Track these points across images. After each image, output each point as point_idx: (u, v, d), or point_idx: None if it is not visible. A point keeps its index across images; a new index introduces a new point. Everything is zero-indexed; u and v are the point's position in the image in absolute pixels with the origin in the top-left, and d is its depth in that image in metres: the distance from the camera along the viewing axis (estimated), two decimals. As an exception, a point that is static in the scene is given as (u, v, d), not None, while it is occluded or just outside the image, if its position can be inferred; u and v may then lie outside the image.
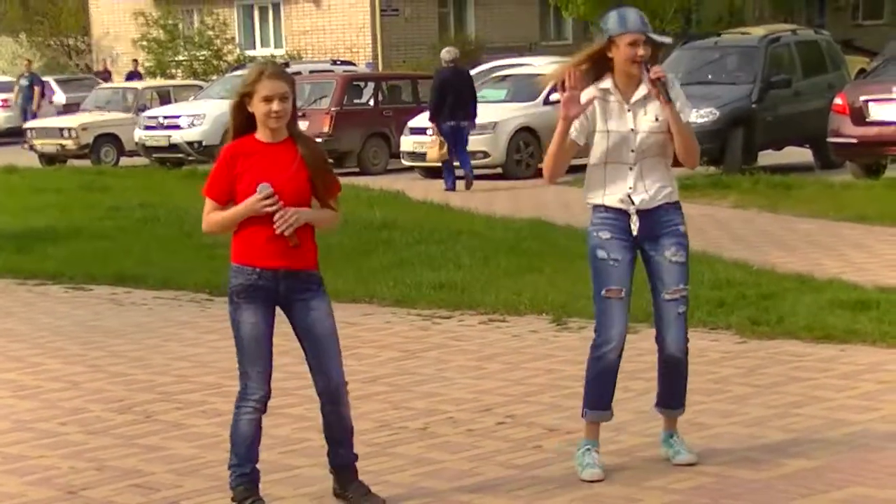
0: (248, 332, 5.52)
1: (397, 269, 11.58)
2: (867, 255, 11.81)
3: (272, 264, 5.49)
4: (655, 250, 6.06)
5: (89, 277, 12.14)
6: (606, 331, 6.03)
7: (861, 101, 17.50)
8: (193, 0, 42.48)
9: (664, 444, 6.27)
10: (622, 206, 5.99)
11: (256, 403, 5.57)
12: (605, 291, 5.99)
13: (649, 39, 5.95)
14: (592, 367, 6.09)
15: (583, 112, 5.92)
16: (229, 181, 5.48)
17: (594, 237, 6.01)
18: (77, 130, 25.97)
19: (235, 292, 5.53)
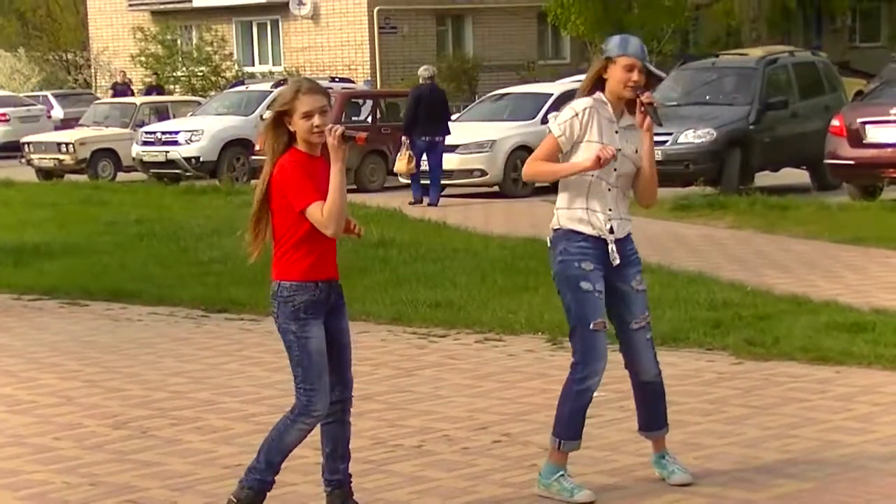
0: (316, 347, 5.56)
1: (393, 287, 11.57)
2: (863, 277, 11.83)
3: (327, 276, 5.58)
4: (622, 280, 6.06)
5: (85, 293, 12.13)
6: (594, 364, 6.01)
7: (858, 123, 17.54)
8: (192, 16, 42.58)
9: (656, 466, 6.26)
10: (601, 235, 5.99)
11: (316, 420, 5.61)
12: (593, 325, 5.97)
13: (646, 69, 5.99)
14: (576, 401, 6.04)
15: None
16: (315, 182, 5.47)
17: (576, 268, 5.96)
18: (75, 145, 25.97)
19: (302, 309, 5.54)
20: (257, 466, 5.69)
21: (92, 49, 45.15)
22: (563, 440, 6.06)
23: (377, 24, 39.95)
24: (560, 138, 5.98)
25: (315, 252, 5.56)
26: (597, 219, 5.99)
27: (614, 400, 7.72)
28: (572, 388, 6.04)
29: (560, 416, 6.08)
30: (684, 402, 7.66)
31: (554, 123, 6.03)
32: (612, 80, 5.99)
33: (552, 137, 5.99)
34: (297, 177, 5.47)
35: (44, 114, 35.60)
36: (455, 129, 22.17)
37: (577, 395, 6.04)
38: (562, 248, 6.00)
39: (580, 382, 6.02)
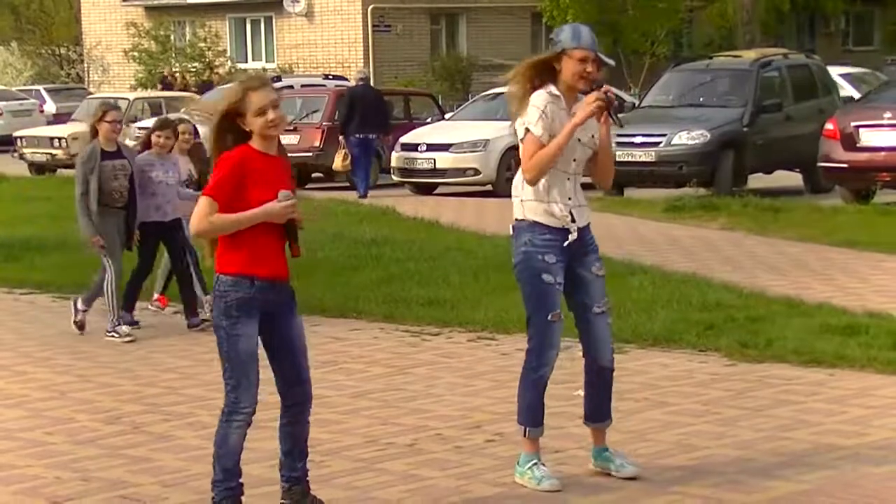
0: (245, 347, 5.49)
1: (386, 285, 11.56)
2: (856, 279, 11.83)
3: (267, 274, 5.48)
4: (582, 266, 6.15)
5: (78, 287, 12.03)
6: (547, 352, 6.13)
7: (852, 126, 17.55)
8: (186, 12, 42.53)
9: (600, 460, 6.30)
10: (564, 225, 6.05)
11: (248, 416, 5.57)
12: (551, 316, 6.06)
13: (598, 58, 6.03)
14: (532, 389, 6.17)
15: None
16: (236, 186, 5.43)
17: (539, 260, 6.05)
18: (67, 140, 25.91)
19: (234, 306, 5.47)
20: (217, 479, 5.64)
21: (85, 44, 45.09)
22: (527, 427, 6.20)
23: (371, 22, 39.94)
24: (543, 136, 6.02)
25: (252, 247, 5.46)
26: (558, 209, 6.07)
27: (607, 400, 7.71)
28: (529, 377, 6.18)
29: (521, 404, 6.22)
30: (677, 403, 7.66)
31: (531, 125, 6.02)
32: (567, 71, 6.04)
33: (535, 139, 6.02)
34: (225, 171, 5.43)
35: (36, 108, 35.55)
36: (449, 127, 22.21)
37: (532, 384, 6.17)
38: (526, 239, 6.09)
39: (534, 371, 6.15)
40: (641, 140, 18.98)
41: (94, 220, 9.88)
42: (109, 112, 10.13)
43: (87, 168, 9.93)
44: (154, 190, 10.30)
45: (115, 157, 10.04)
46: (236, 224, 5.44)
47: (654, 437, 6.94)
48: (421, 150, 21.30)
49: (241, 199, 5.43)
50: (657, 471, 6.36)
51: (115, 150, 10.09)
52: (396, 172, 21.72)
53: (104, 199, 9.92)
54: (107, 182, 9.92)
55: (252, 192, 5.44)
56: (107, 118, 10.03)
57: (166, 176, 10.39)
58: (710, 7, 40.81)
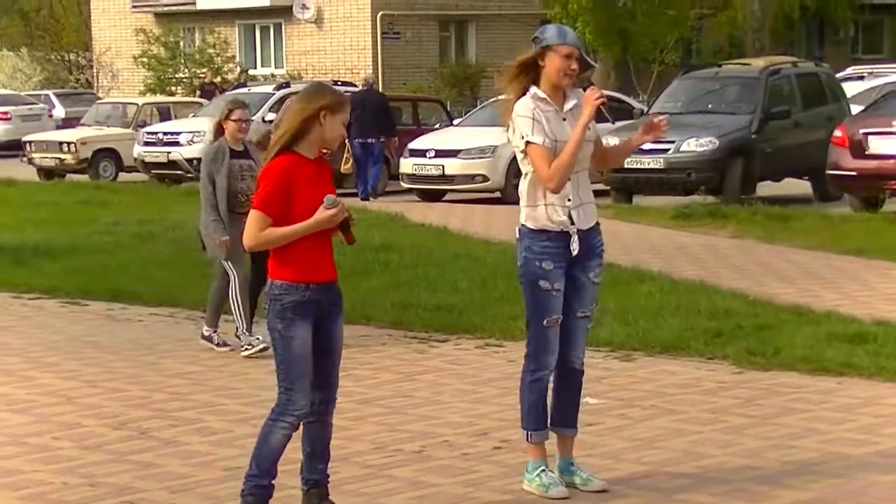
0: (300, 349, 5.57)
1: (394, 291, 11.56)
2: (865, 288, 11.81)
3: (321, 278, 5.59)
4: (582, 271, 6.18)
5: (85, 293, 12.11)
6: (545, 357, 6.16)
7: (861, 134, 17.52)
8: (195, 18, 42.59)
9: (565, 473, 6.27)
10: (563, 229, 6.06)
11: (297, 419, 5.62)
12: (547, 322, 6.09)
13: (582, 58, 6.06)
14: (531, 393, 6.20)
15: None
16: (286, 199, 5.52)
17: (536, 266, 6.08)
18: (76, 145, 25.96)
19: (289, 309, 5.55)
20: (252, 473, 5.68)
21: (94, 50, 45.16)
22: (530, 431, 6.22)
23: (380, 29, 39.97)
24: (545, 142, 6.02)
25: (308, 253, 5.56)
26: (556, 213, 6.07)
27: (615, 408, 7.71)
28: (526, 381, 6.21)
29: (522, 409, 6.25)
30: (685, 410, 7.65)
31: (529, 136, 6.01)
32: (551, 67, 6.05)
33: (539, 147, 6.02)
34: (274, 183, 5.53)
35: (45, 113, 35.62)
36: (457, 134, 22.21)
37: (531, 387, 6.19)
38: (526, 244, 6.14)
39: (533, 374, 6.19)
40: (650, 147, 18.91)
41: (222, 219, 9.35)
42: (236, 110, 9.53)
43: (214, 167, 9.42)
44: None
45: (242, 156, 9.52)
46: (288, 237, 5.54)
47: (662, 445, 6.93)
48: (429, 156, 21.32)
49: (289, 207, 5.51)
50: (665, 478, 6.35)
51: (242, 149, 9.56)
52: (405, 178, 21.72)
53: (228, 203, 9.39)
54: (233, 183, 9.40)
55: (298, 199, 5.53)
56: (233, 116, 9.48)
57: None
58: (719, 15, 40.76)
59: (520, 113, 6.06)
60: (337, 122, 5.60)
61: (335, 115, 5.58)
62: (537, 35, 6.14)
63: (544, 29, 6.17)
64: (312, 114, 5.56)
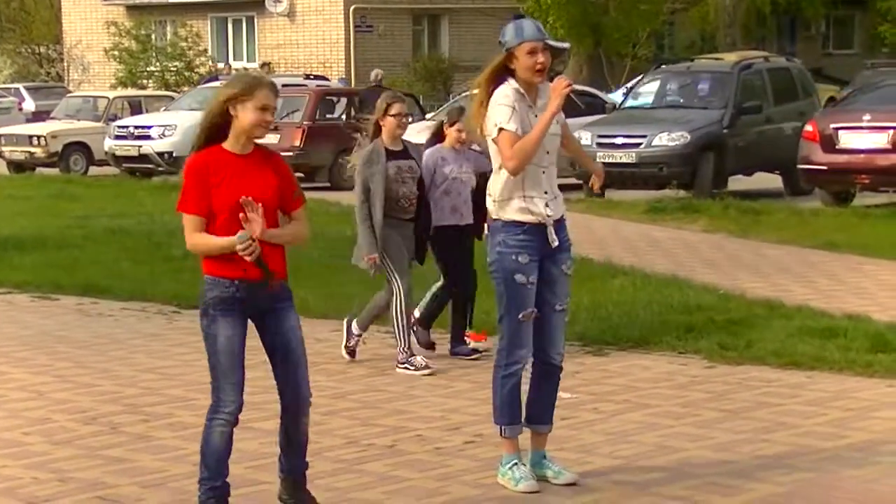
0: (224, 345, 5.47)
1: (367, 287, 11.50)
2: (835, 282, 11.86)
3: (250, 276, 5.43)
4: (554, 264, 6.16)
5: (56, 287, 12.05)
6: (518, 350, 6.13)
7: (831, 128, 17.60)
8: (167, 11, 42.43)
9: (537, 467, 6.26)
10: (541, 221, 6.04)
11: (229, 416, 5.53)
12: (522, 315, 6.06)
13: (548, 46, 6.02)
14: (504, 386, 6.16)
15: None
16: (206, 194, 5.38)
17: (511, 260, 6.04)
18: (46, 138, 25.82)
19: (212, 305, 5.45)
20: (203, 476, 5.61)
21: (65, 43, 44.94)
22: (504, 426, 6.19)
23: (353, 22, 39.90)
24: (517, 131, 5.99)
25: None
26: (535, 205, 6.06)
27: (588, 402, 7.73)
28: (499, 375, 6.17)
29: (495, 404, 6.21)
30: (657, 404, 7.67)
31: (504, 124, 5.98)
32: (520, 68, 6.03)
33: (512, 134, 5.98)
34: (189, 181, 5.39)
35: (15, 106, 35.42)
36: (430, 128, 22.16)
37: (503, 381, 6.16)
38: (500, 239, 6.07)
39: (506, 368, 6.15)
40: (622, 141, 19.01)
41: (377, 232, 8.57)
42: (395, 104, 8.62)
43: (370, 172, 8.53)
44: (448, 188, 8.92)
45: (402, 157, 8.63)
46: (213, 250, 5.39)
47: (635, 439, 6.94)
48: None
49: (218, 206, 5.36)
50: (638, 472, 6.37)
51: (402, 149, 8.68)
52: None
53: (388, 208, 8.55)
54: (392, 187, 8.55)
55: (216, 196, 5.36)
56: (392, 111, 8.59)
57: (461, 171, 8.96)
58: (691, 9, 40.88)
59: (499, 101, 6.02)
60: (248, 109, 5.35)
61: (245, 102, 5.36)
62: (499, 40, 6.09)
63: (503, 32, 6.09)
64: (219, 108, 5.40)
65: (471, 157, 9.04)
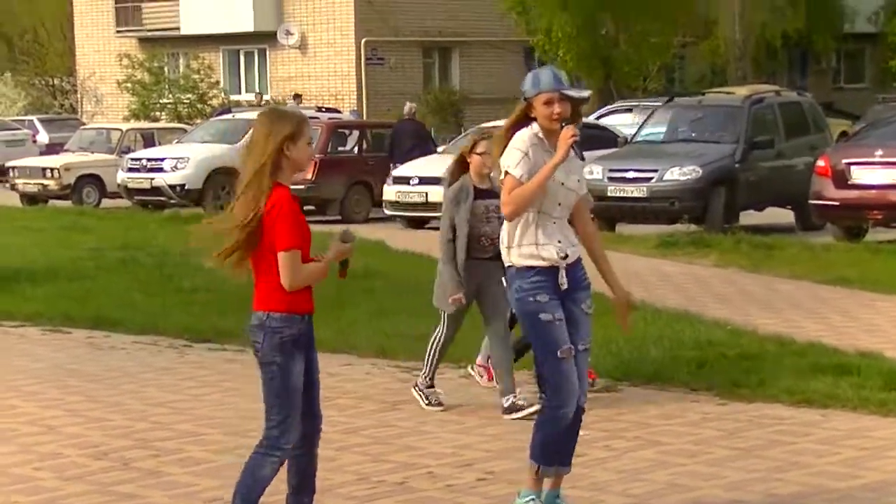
0: (296, 383, 5.51)
1: (378, 320, 11.53)
2: (847, 318, 11.82)
3: (311, 309, 5.56)
4: (574, 302, 6.15)
5: (68, 320, 12.05)
6: (567, 393, 6.05)
7: (843, 163, 17.58)
8: (179, 44, 42.60)
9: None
10: (554, 264, 6.04)
11: (286, 453, 5.55)
12: (560, 352, 6.02)
13: (566, 97, 6.04)
14: (551, 428, 6.09)
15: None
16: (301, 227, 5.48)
17: (531, 302, 6.03)
18: (60, 171, 25.91)
19: (291, 342, 5.48)
20: None
21: (79, 74, 45.14)
22: (541, 465, 6.12)
23: (364, 55, 40.03)
24: (522, 177, 6.02)
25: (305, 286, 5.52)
26: (547, 251, 6.06)
27: (600, 439, 7.69)
28: (546, 416, 6.11)
29: (536, 442, 6.13)
30: (669, 442, 7.63)
31: (511, 168, 6.02)
32: (539, 117, 6.08)
33: (514, 179, 6.01)
34: (294, 217, 5.44)
35: (29, 138, 35.55)
36: (441, 161, 22.18)
37: (551, 423, 6.09)
38: (517, 286, 6.09)
39: (554, 411, 6.08)
40: (633, 175, 19.02)
41: (460, 271, 8.38)
42: (482, 142, 8.40)
43: (456, 210, 8.37)
44: None
45: (489, 195, 8.36)
46: (319, 274, 5.51)
47: (647, 477, 6.91)
48: (413, 183, 21.32)
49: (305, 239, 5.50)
50: (649, 511, 6.33)
51: (488, 187, 8.42)
52: (388, 206, 21.72)
53: (468, 247, 8.40)
54: (477, 226, 8.36)
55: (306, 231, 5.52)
56: (479, 149, 8.38)
57: None
58: (702, 43, 40.95)
59: (515, 144, 6.06)
60: (301, 146, 5.46)
61: (297, 140, 5.45)
62: (521, 88, 6.13)
63: (524, 81, 6.15)
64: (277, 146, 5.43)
65: None
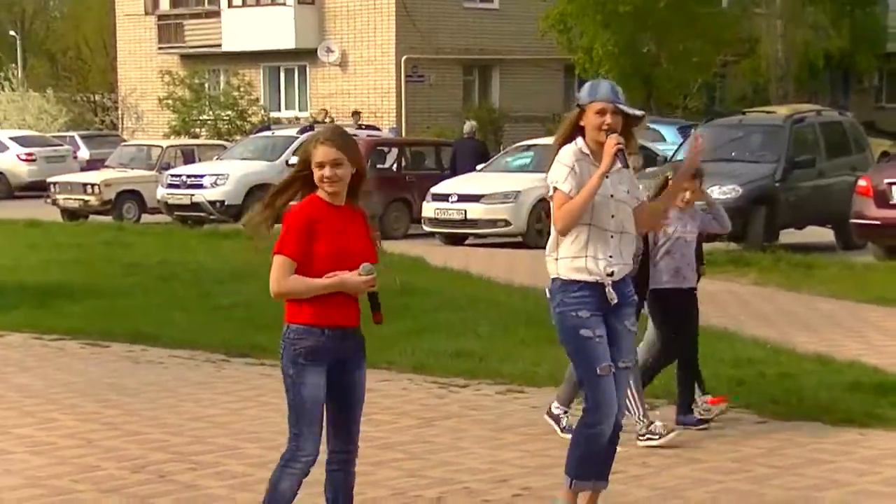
0: (312, 394, 5.49)
1: (415, 336, 11.53)
2: (888, 337, 11.73)
3: (340, 323, 5.50)
4: (618, 319, 6.09)
5: (106, 334, 12.11)
6: (606, 409, 6.03)
7: (885, 183, 17.49)
8: (220, 60, 42.86)
9: None
10: (599, 280, 6.00)
11: (305, 466, 5.54)
12: (600, 370, 5.99)
13: (620, 111, 6.01)
14: (588, 444, 6.06)
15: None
16: (308, 241, 5.45)
17: (572, 317, 5.99)
18: (100, 186, 26.07)
19: (303, 354, 5.48)
20: None
21: (120, 91, 45.48)
22: (574, 480, 6.09)
23: (404, 72, 40.13)
24: (571, 192, 5.99)
25: (330, 296, 5.46)
26: (596, 266, 6.01)
27: (637, 456, 7.66)
28: (583, 433, 6.08)
29: (571, 456, 6.11)
30: (707, 459, 7.59)
31: (558, 184, 6.00)
32: (588, 126, 6.05)
33: (563, 194, 6.00)
34: (295, 226, 5.46)
35: (70, 154, 35.83)
36: (480, 179, 22.24)
37: (588, 440, 6.06)
38: (559, 299, 6.05)
39: (591, 427, 6.05)
40: (673, 194, 18.92)
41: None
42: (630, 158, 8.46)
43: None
44: (670, 248, 8.32)
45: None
46: (310, 291, 5.46)
47: (685, 495, 6.87)
48: (452, 200, 21.34)
49: (319, 254, 5.45)
50: (686, 529, 6.29)
51: None
52: (427, 222, 21.75)
53: None
54: None
55: (318, 244, 5.46)
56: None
57: (684, 231, 8.38)
58: (743, 62, 40.84)
59: (561, 160, 6.04)
60: (315, 167, 5.51)
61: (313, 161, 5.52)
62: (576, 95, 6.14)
63: (582, 89, 6.15)
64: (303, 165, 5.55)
65: (696, 217, 8.53)
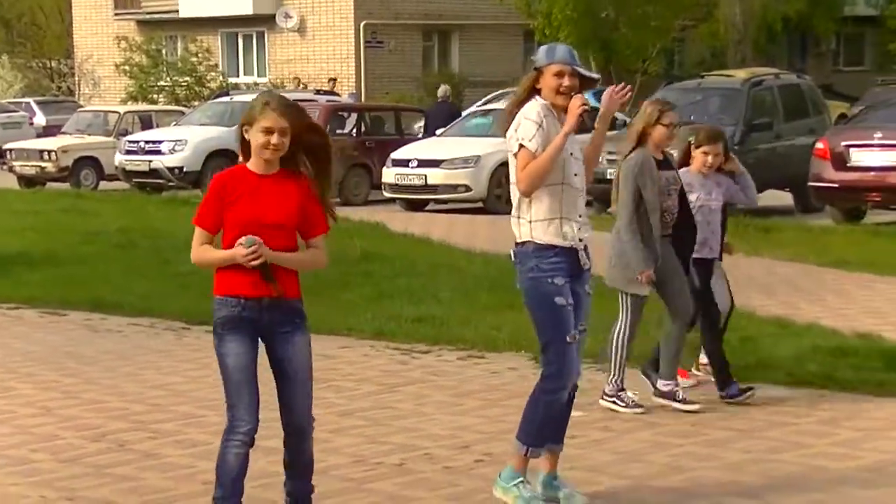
0: (234, 364, 5.44)
1: (376, 302, 11.52)
2: (846, 300, 11.82)
3: (256, 293, 5.41)
4: (579, 283, 6.07)
5: (64, 303, 12.04)
6: (568, 375, 6.02)
7: (842, 146, 17.57)
8: (178, 26, 42.53)
9: (548, 487, 6.16)
10: (573, 245, 5.97)
11: (244, 437, 5.47)
12: (569, 338, 5.98)
13: (576, 73, 5.97)
14: (548, 409, 6.04)
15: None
16: (220, 211, 5.39)
17: (547, 284, 5.93)
18: (57, 153, 25.86)
19: (220, 324, 5.44)
20: (216, 495, 5.54)
21: (76, 57, 45.07)
22: (530, 447, 6.07)
23: (363, 38, 39.95)
24: (537, 151, 5.92)
25: (234, 269, 5.36)
26: (570, 228, 5.98)
27: (599, 420, 7.69)
28: (542, 398, 6.05)
29: (527, 424, 6.07)
30: (666, 423, 7.63)
31: (526, 141, 5.93)
32: (545, 88, 5.98)
33: (529, 153, 5.92)
34: (207, 197, 5.43)
35: (26, 120, 35.50)
36: (440, 144, 22.22)
37: (547, 406, 6.04)
38: (533, 264, 5.96)
39: (552, 393, 6.03)
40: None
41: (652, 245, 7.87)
42: (667, 113, 8.00)
43: (643, 181, 7.87)
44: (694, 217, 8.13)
45: (665, 167, 8.04)
46: (215, 262, 5.43)
47: (645, 458, 6.90)
48: (412, 165, 21.31)
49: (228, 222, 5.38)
50: (648, 492, 6.33)
51: (663, 159, 8.08)
52: (387, 188, 21.71)
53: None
54: (661, 200, 7.92)
55: (229, 214, 5.38)
56: (664, 120, 7.97)
57: (708, 199, 8.29)
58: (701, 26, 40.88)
59: (529, 116, 5.94)
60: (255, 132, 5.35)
61: (253, 125, 5.36)
62: (531, 58, 6.06)
63: (536, 51, 6.08)
64: (238, 132, 5.44)
65: (722, 183, 8.42)
